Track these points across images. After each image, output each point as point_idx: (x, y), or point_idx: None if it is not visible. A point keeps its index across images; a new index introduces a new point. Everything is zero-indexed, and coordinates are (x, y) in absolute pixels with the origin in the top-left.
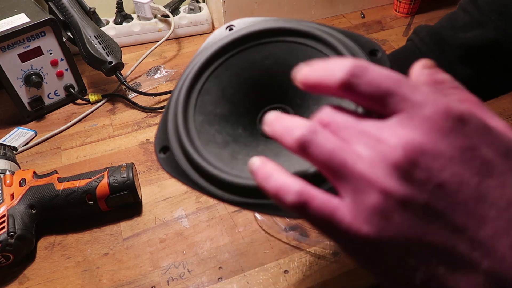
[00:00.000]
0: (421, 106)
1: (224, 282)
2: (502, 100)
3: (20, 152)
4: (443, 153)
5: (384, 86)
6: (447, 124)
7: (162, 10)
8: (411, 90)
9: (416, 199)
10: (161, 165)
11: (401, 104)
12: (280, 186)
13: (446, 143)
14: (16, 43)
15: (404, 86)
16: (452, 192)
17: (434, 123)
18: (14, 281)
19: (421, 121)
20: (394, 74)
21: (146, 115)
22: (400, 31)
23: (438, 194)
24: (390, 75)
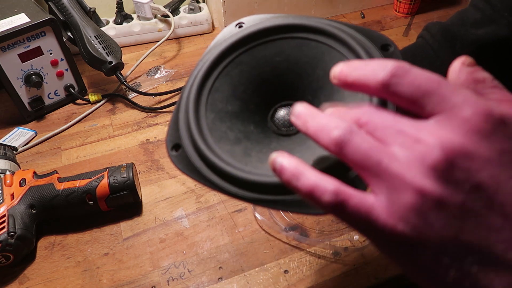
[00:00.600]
0: (460, 107)
1: (224, 282)
2: None
3: (20, 152)
4: (481, 154)
5: (424, 87)
6: (486, 126)
7: (162, 10)
8: (450, 91)
9: (452, 199)
10: (173, 163)
11: (440, 106)
12: (314, 185)
13: (485, 144)
14: (16, 43)
15: (443, 87)
16: (489, 193)
17: (473, 125)
18: (14, 281)
19: (460, 123)
20: (434, 76)
21: (146, 115)
22: (400, 31)
23: (475, 195)
24: (430, 76)
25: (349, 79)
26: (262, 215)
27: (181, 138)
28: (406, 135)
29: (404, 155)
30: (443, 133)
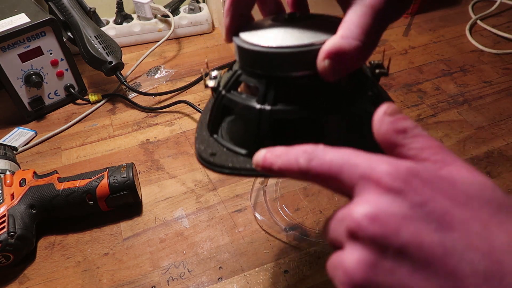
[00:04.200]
0: (367, 176)
1: (224, 282)
2: (502, 100)
3: (20, 152)
4: (395, 216)
5: (336, 163)
6: (393, 188)
7: (162, 10)
8: (359, 161)
9: (382, 266)
10: (211, 169)
11: (353, 177)
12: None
13: (396, 205)
14: (16, 43)
15: (352, 159)
16: (414, 254)
17: (381, 191)
18: (14, 281)
19: (370, 192)
20: (343, 151)
21: (146, 115)
22: (400, 31)
23: (401, 258)
24: (340, 152)
25: (274, 167)
26: (262, 215)
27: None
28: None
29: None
30: (357, 208)
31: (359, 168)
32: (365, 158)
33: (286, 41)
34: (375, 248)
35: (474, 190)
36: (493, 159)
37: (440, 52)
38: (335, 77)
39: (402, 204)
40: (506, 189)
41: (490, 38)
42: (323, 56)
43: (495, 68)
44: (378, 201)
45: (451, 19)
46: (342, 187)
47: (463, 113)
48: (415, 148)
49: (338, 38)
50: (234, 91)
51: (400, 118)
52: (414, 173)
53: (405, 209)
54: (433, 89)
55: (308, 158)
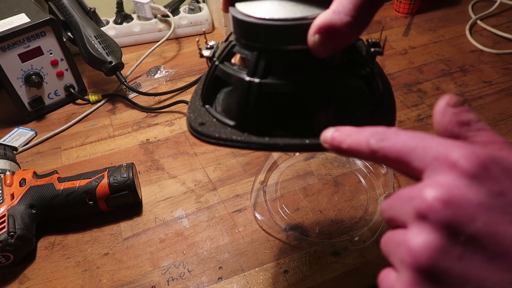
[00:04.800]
0: (444, 156)
1: (224, 282)
2: (502, 100)
3: (20, 152)
4: (472, 201)
5: (407, 146)
6: (471, 172)
7: (162, 10)
8: (433, 144)
9: (451, 252)
10: (198, 138)
11: (425, 160)
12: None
13: (473, 191)
14: (16, 43)
15: (425, 141)
16: (488, 244)
17: (457, 174)
18: (14, 281)
19: (444, 174)
20: (415, 134)
21: (146, 115)
22: (400, 31)
23: (472, 247)
24: (412, 135)
25: (343, 146)
26: (262, 215)
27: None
28: (405, 198)
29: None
30: (431, 191)
31: (434, 150)
32: (441, 141)
33: (279, 14)
34: (446, 233)
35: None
36: None
37: (440, 52)
38: (326, 53)
39: (479, 190)
40: None
41: (490, 38)
42: (313, 30)
43: (495, 68)
44: (454, 184)
45: (451, 19)
46: (411, 169)
47: None
48: (479, 141)
49: (329, 13)
50: (228, 62)
51: (463, 110)
52: (494, 160)
53: (482, 196)
54: (433, 89)
55: (380, 138)
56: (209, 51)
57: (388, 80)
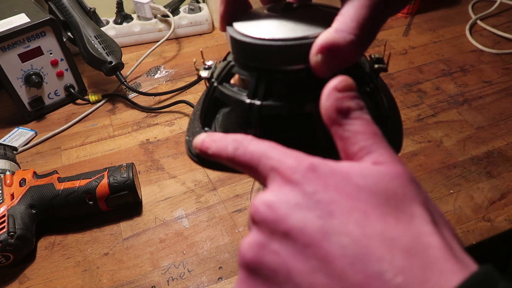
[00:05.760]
0: (276, 168)
1: (224, 282)
2: (502, 100)
3: (20, 152)
4: (288, 203)
5: (255, 155)
6: (293, 177)
7: (162, 10)
8: (268, 158)
9: (269, 247)
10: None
11: (266, 170)
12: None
13: (292, 194)
14: (16, 43)
15: (268, 152)
16: (297, 237)
17: (283, 180)
18: (14, 281)
19: (275, 182)
20: (263, 144)
21: (146, 115)
22: (400, 31)
23: (286, 241)
24: (261, 145)
25: (209, 151)
26: None
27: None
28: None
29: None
30: (262, 196)
31: (272, 161)
32: (279, 152)
33: (279, 33)
34: (265, 232)
35: (366, 182)
36: (493, 159)
37: (440, 52)
38: (329, 72)
39: (297, 194)
40: (506, 189)
41: (490, 38)
42: (316, 50)
43: (495, 68)
44: (279, 191)
45: (451, 19)
46: (260, 178)
47: (463, 113)
48: (350, 130)
49: (332, 32)
50: (226, 84)
51: (346, 97)
52: (313, 167)
53: (298, 198)
54: (433, 89)
55: (235, 147)
56: (207, 72)
57: (393, 96)
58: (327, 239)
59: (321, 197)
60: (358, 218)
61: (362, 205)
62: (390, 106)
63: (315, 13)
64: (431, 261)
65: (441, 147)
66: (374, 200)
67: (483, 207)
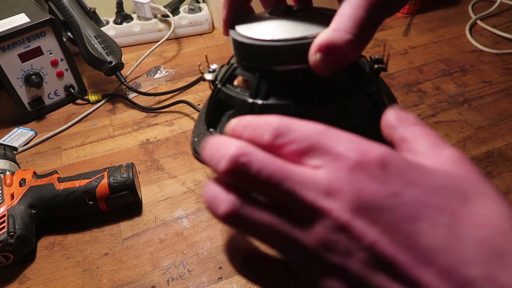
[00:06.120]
0: (340, 157)
1: (224, 282)
2: (502, 100)
3: (20, 152)
4: (364, 209)
5: (306, 142)
6: (365, 173)
7: (162, 10)
8: (331, 142)
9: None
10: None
11: (322, 159)
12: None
13: (377, 188)
14: (16, 43)
15: (324, 138)
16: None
17: (356, 173)
18: (14, 281)
19: (340, 173)
20: (314, 128)
21: (146, 115)
22: (400, 31)
23: (372, 251)
24: (311, 129)
25: (243, 135)
26: None
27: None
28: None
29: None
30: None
31: (335, 149)
32: (341, 137)
33: (278, 34)
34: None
35: (445, 180)
36: (493, 159)
37: (440, 52)
38: (328, 71)
39: (382, 189)
40: (506, 189)
41: (490, 38)
42: (314, 49)
43: (495, 68)
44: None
45: (451, 19)
46: (305, 164)
47: (463, 113)
48: (411, 132)
49: (329, 31)
50: (230, 85)
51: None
52: (386, 161)
53: (385, 196)
54: (433, 89)
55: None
56: (211, 75)
57: (395, 97)
58: (414, 248)
59: (403, 199)
60: (446, 220)
61: (448, 203)
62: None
63: (315, 15)
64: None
65: None
66: (456, 198)
67: None
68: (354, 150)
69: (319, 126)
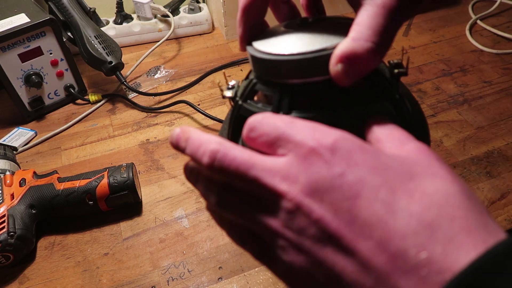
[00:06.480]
0: (299, 145)
1: (224, 282)
2: (502, 100)
3: (20, 152)
4: (314, 190)
5: (274, 132)
6: (317, 157)
7: (162, 10)
8: (293, 132)
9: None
10: None
11: (287, 148)
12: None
13: (325, 171)
14: (16, 43)
15: (288, 129)
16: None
17: (309, 160)
18: (14, 281)
19: (297, 160)
20: (282, 120)
21: (146, 115)
22: (400, 31)
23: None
24: (279, 121)
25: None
26: None
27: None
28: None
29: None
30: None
31: (295, 138)
32: (301, 128)
33: (297, 48)
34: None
35: (393, 161)
36: (493, 159)
37: (440, 52)
38: (350, 81)
39: (328, 172)
40: (506, 189)
41: (490, 38)
42: (335, 60)
43: (495, 68)
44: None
45: (451, 19)
46: (275, 155)
47: (463, 113)
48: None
49: (349, 41)
50: (251, 101)
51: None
52: (337, 145)
53: (326, 177)
54: (433, 89)
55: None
56: (230, 92)
57: (416, 100)
58: (354, 223)
59: (347, 179)
60: (385, 196)
61: (389, 181)
62: (414, 110)
63: (331, 25)
64: (454, 235)
65: (441, 147)
66: (400, 177)
67: None
68: (311, 138)
69: (287, 118)
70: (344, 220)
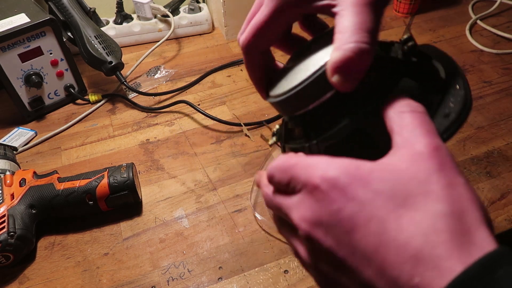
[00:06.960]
0: (305, 184)
1: (224, 282)
2: (502, 100)
3: (20, 152)
4: (319, 224)
5: (287, 175)
6: (321, 195)
7: (162, 10)
8: (300, 172)
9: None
10: None
11: (297, 187)
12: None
13: (325, 208)
14: (16, 43)
15: (295, 169)
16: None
17: (315, 197)
18: (14, 281)
19: (305, 197)
20: (289, 161)
21: (146, 115)
22: (400, 31)
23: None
24: (287, 162)
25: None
26: (262, 215)
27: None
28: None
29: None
30: (300, 211)
31: (301, 179)
32: (306, 168)
33: (298, 78)
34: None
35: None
36: (493, 159)
37: None
38: (354, 84)
39: (326, 210)
40: (506, 189)
41: (490, 38)
42: (330, 74)
43: (495, 68)
44: (314, 208)
45: (451, 19)
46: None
47: None
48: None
49: (334, 52)
50: (290, 140)
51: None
52: (337, 181)
53: (326, 215)
54: None
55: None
56: (274, 137)
57: (450, 57)
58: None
59: (344, 214)
60: (376, 229)
61: (380, 211)
62: (448, 67)
63: (322, 41)
64: (436, 261)
65: None
66: (391, 204)
67: None
68: (312, 177)
69: (294, 159)
70: (347, 251)
